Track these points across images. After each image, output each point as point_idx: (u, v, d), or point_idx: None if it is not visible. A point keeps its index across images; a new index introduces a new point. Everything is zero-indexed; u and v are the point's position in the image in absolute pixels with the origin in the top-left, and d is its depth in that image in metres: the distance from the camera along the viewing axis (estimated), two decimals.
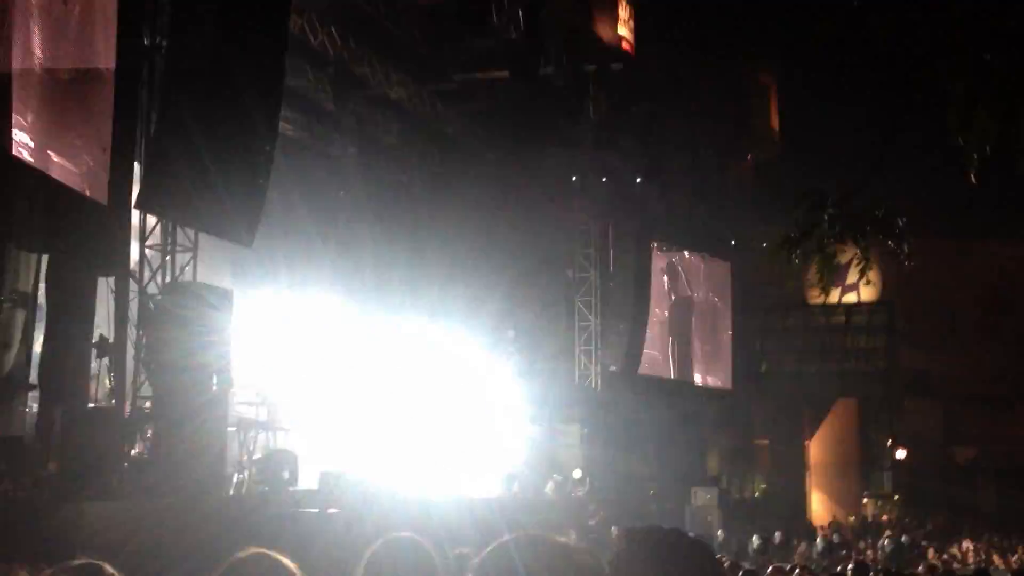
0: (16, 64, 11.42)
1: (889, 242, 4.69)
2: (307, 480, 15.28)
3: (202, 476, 13.22)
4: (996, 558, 20.19)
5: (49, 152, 12.04)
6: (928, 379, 34.03)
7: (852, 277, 32.88)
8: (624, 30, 25.33)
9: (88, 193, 12.54)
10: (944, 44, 4.67)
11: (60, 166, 12.24)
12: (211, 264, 15.98)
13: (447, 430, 20.96)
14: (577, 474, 23.02)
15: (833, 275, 4.96)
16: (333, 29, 20.55)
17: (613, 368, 26.67)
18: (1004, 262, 33.93)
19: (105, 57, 12.97)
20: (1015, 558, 19.00)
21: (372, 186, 24.07)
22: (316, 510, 13.44)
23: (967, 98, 4.63)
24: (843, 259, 5.21)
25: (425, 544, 4.05)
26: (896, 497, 31.46)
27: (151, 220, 14.52)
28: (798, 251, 4.74)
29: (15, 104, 11.34)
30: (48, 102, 12.07)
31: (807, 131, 33.42)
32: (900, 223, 4.62)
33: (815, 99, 32.54)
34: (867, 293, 33.79)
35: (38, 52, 11.85)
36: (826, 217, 4.63)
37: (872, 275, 33.14)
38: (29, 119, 11.63)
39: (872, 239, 4.72)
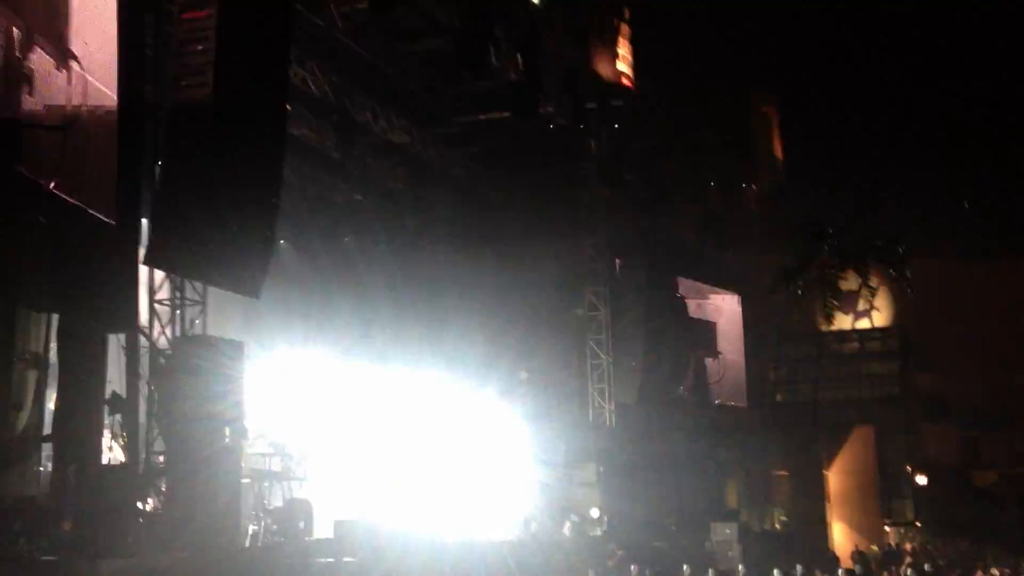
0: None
1: (891, 270, 4.68)
2: (323, 529, 15.22)
3: (216, 528, 13.16)
4: None
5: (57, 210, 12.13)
6: (944, 403, 33.82)
7: (863, 304, 32.79)
8: (623, 66, 25.50)
9: (95, 250, 12.60)
10: (937, 72, 4.69)
11: (68, 223, 12.32)
12: (221, 317, 16.01)
13: (462, 475, 20.88)
14: (595, 513, 22.86)
15: (838, 302, 4.95)
16: (334, 78, 20.73)
17: (627, 402, 26.57)
18: (1019, 283, 33.79)
19: (107, 113, 13.09)
20: None
21: (380, 232, 24.16)
22: (331, 559, 13.37)
23: (962, 123, 4.65)
24: (852, 286, 5.20)
25: None
26: (918, 524, 31.13)
27: (159, 275, 14.56)
28: (800, 281, 4.74)
29: (26, 163, 11.45)
30: (55, 160, 12.16)
31: (811, 160, 33.50)
32: (900, 251, 4.61)
33: (818, 128, 32.68)
34: (879, 318, 33.65)
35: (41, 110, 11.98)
36: (826, 247, 4.62)
37: (882, 301, 33.08)
38: (40, 179, 11.73)
39: (873, 267, 4.71)
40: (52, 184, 12.12)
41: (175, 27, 14.51)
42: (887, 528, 31.28)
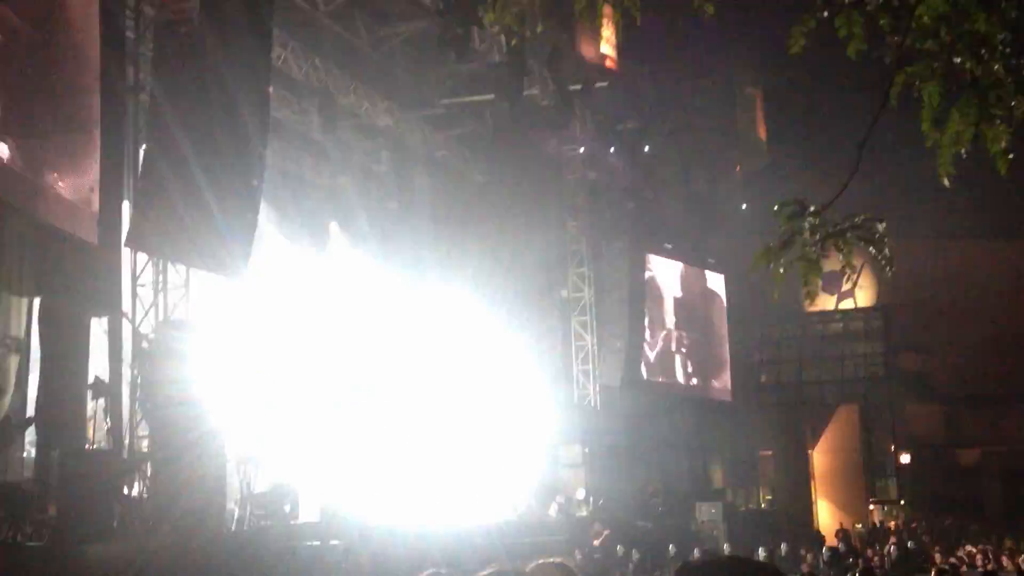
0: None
1: (871, 248, 4.70)
2: (309, 513, 15.23)
3: (201, 512, 13.15)
4: (1004, 560, 20.10)
5: (36, 194, 12.05)
6: (928, 382, 34.01)
7: (847, 284, 32.97)
8: (607, 48, 25.45)
9: (77, 234, 12.54)
10: (914, 49, 4.70)
11: (48, 208, 12.25)
12: (204, 300, 15.96)
13: (448, 457, 20.91)
14: (580, 494, 22.95)
15: (821, 282, 4.97)
16: (317, 60, 20.63)
17: (612, 384, 26.65)
18: (1000, 262, 33.96)
19: (90, 97, 13.01)
20: (1022, 559, 18.91)
21: (365, 214, 24.11)
22: (317, 543, 13.38)
23: (940, 102, 4.67)
24: (835, 266, 5.22)
25: None
26: (902, 502, 31.37)
27: (142, 259, 14.51)
28: (781, 261, 4.75)
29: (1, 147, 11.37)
30: (33, 144, 12.08)
31: (795, 140, 33.55)
32: (880, 229, 4.64)
33: (801, 108, 32.70)
34: (863, 298, 33.81)
35: (21, 91, 11.88)
36: (806, 225, 4.64)
37: (865, 280, 33.23)
38: (17, 162, 11.64)
39: (854, 246, 4.73)
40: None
41: (157, 10, 14.44)
42: (871, 506, 31.52)
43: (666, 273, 29.54)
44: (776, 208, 4.71)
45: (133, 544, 12.10)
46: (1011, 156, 4.72)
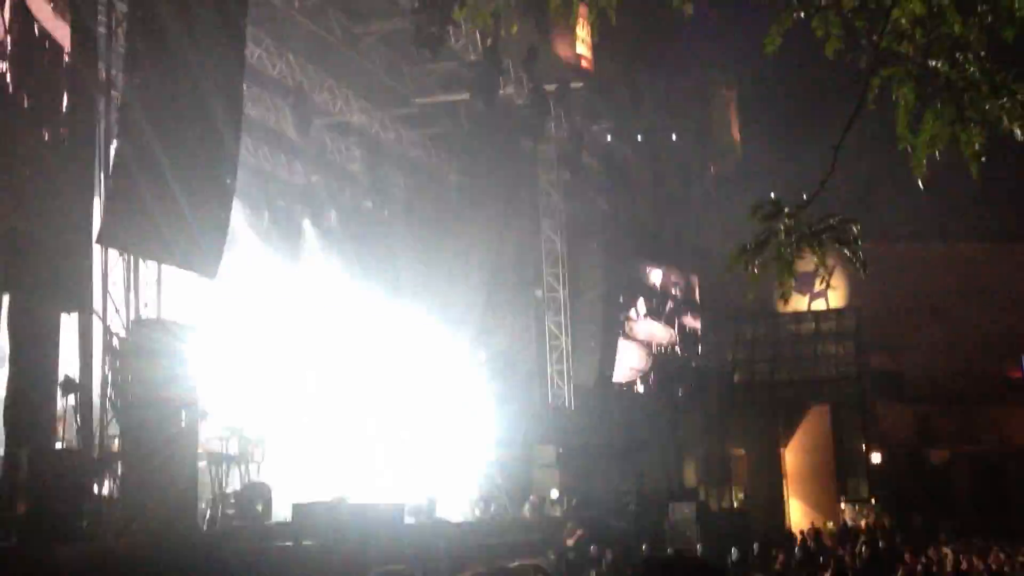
0: None
1: (845, 250, 4.72)
2: (281, 512, 15.14)
3: (173, 511, 13.04)
4: (974, 559, 20.26)
5: (4, 191, 11.92)
6: (899, 382, 34.27)
7: (819, 284, 33.16)
8: (583, 48, 25.46)
9: (46, 231, 12.40)
10: (890, 52, 4.72)
11: (16, 204, 12.11)
12: (176, 299, 15.83)
13: (422, 456, 20.87)
14: (554, 494, 22.94)
15: (794, 282, 4.98)
16: (291, 58, 20.54)
17: (587, 384, 26.69)
18: (972, 264, 34.29)
19: (59, 91, 12.88)
20: (991, 559, 19.07)
21: (338, 213, 24.03)
22: (290, 542, 13.30)
23: (916, 104, 4.69)
24: (808, 267, 5.23)
25: None
26: (873, 501, 31.58)
27: (113, 256, 14.36)
28: (756, 261, 4.76)
29: None
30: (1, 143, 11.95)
31: (768, 141, 33.69)
32: (854, 230, 4.65)
33: (775, 110, 32.87)
34: (835, 299, 34.02)
35: None
36: (782, 227, 4.65)
37: (838, 281, 33.45)
38: None
39: (829, 247, 4.75)
40: None
41: (128, 6, 14.31)
42: (843, 505, 31.71)
43: (643, 273, 29.63)
44: (752, 209, 4.72)
45: (103, 544, 11.98)
46: (984, 159, 4.75)
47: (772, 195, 5.09)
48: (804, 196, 5.01)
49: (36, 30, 12.97)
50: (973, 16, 4.55)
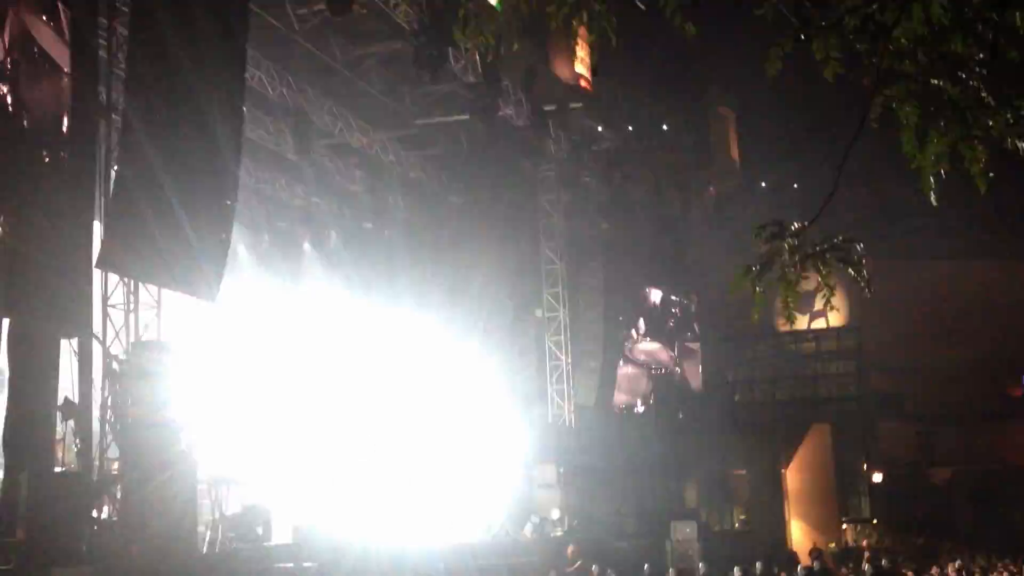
0: None
1: (849, 269, 4.71)
2: (281, 535, 15.08)
3: (172, 534, 12.97)
4: None
5: (1, 214, 11.91)
6: (900, 401, 34.19)
7: (820, 303, 33.15)
8: (582, 68, 25.52)
9: (46, 254, 12.40)
10: (892, 71, 4.73)
11: (16, 226, 12.11)
12: (175, 321, 15.82)
13: (422, 477, 20.80)
14: (555, 515, 22.85)
15: (799, 303, 4.97)
16: (291, 80, 20.60)
17: (587, 404, 26.63)
18: (974, 283, 34.28)
19: (59, 116, 12.90)
20: None
21: (338, 234, 24.04)
22: (290, 564, 13.24)
23: (920, 123, 4.69)
24: (809, 286, 5.22)
25: None
26: (874, 521, 31.45)
27: (113, 279, 14.36)
28: (761, 282, 4.75)
29: None
30: (1, 165, 11.96)
31: (769, 162, 33.76)
32: (858, 250, 4.65)
33: (776, 130, 32.93)
34: (835, 318, 33.97)
35: None
36: (786, 247, 4.64)
37: (839, 301, 33.39)
38: None
39: (833, 267, 4.74)
40: None
41: (129, 30, 14.35)
42: (844, 525, 31.58)
43: (641, 294, 29.63)
44: (756, 229, 4.71)
45: (102, 567, 11.92)
46: (991, 175, 4.74)
47: (774, 216, 5.10)
48: (806, 216, 5.01)
49: (36, 52, 13.00)
50: (974, 33, 4.56)
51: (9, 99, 12.47)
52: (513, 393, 24.58)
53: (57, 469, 12.98)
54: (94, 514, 13.03)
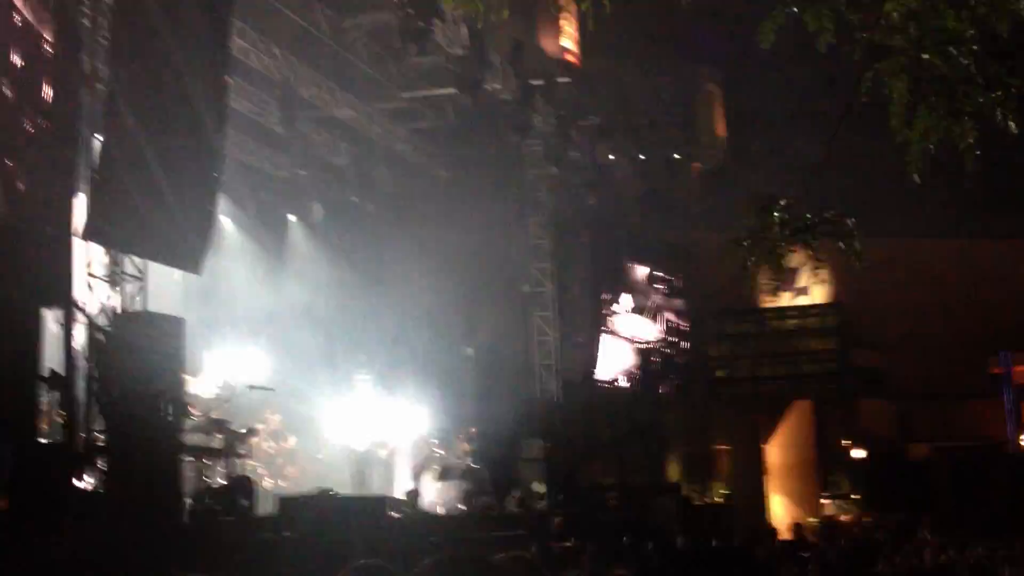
0: None
1: (840, 243, 4.73)
2: (266, 506, 15.12)
3: (156, 506, 12.99)
4: (954, 554, 20.38)
5: None
6: (880, 378, 34.41)
7: (803, 280, 33.26)
8: (569, 43, 25.44)
9: (27, 225, 12.32)
10: (883, 46, 4.73)
11: None
12: (160, 293, 15.78)
13: (406, 448, 20.86)
14: (539, 488, 22.97)
15: (784, 278, 4.99)
16: (277, 51, 20.45)
17: (573, 380, 26.72)
18: (956, 261, 34.47)
19: (41, 85, 12.79)
20: (972, 554, 19.19)
21: (324, 208, 23.96)
22: (271, 535, 13.29)
23: (909, 98, 4.70)
24: (793, 262, 5.25)
25: (394, 571, 3.97)
26: (854, 497, 31.73)
27: (95, 249, 14.28)
28: (751, 256, 4.77)
29: None
30: None
31: (755, 137, 33.72)
32: (849, 224, 4.67)
33: (762, 105, 32.88)
34: (819, 295, 34.12)
35: None
36: (777, 221, 4.65)
37: (825, 275, 33.52)
38: None
39: (822, 241, 4.76)
40: None
41: None
42: (824, 501, 31.86)
43: (627, 269, 29.67)
44: (746, 203, 4.72)
45: (86, 538, 11.93)
46: (978, 152, 4.75)
47: (756, 192, 5.11)
48: (794, 189, 5.01)
49: (18, 19, 12.87)
50: (966, 9, 4.56)
51: None
52: (499, 368, 24.64)
53: (42, 440, 12.97)
54: (78, 485, 13.02)
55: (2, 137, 12.53)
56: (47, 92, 13.12)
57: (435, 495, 19.66)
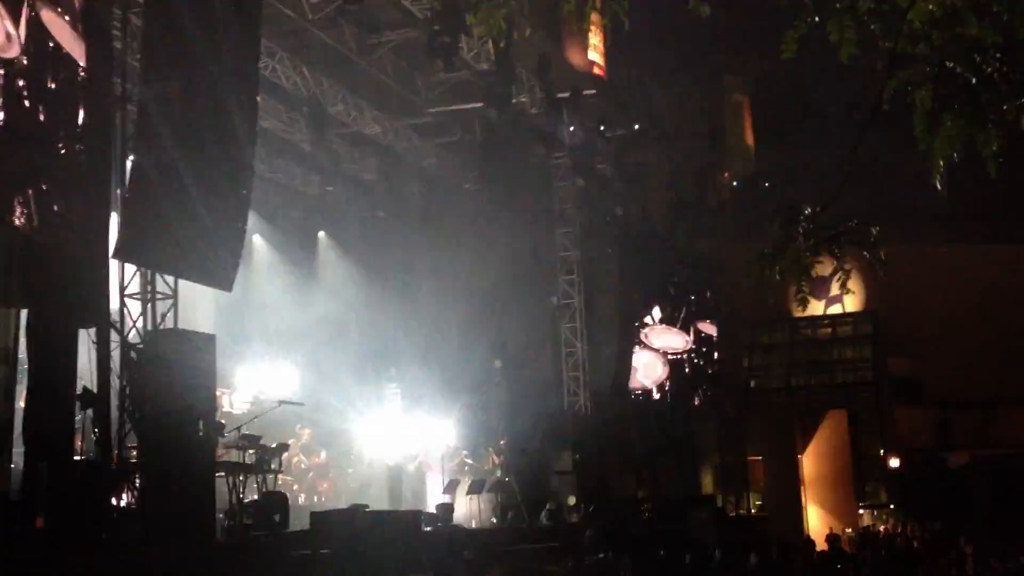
0: None
1: (864, 252, 4.70)
2: (299, 522, 15.16)
3: (190, 522, 13.07)
4: (993, 563, 20.12)
5: (18, 205, 12.00)
6: (917, 386, 34.06)
7: (835, 289, 33.08)
8: (595, 55, 25.45)
9: (62, 245, 12.48)
10: (906, 54, 4.71)
11: (33, 219, 12.19)
12: (192, 309, 15.91)
13: (438, 464, 20.88)
14: (571, 501, 22.90)
15: (812, 287, 4.97)
16: (305, 70, 20.63)
17: (603, 391, 26.64)
18: (991, 267, 34.10)
19: (75, 108, 12.96)
20: (1012, 563, 18.93)
21: (354, 223, 24.11)
22: (307, 551, 13.32)
23: (933, 106, 4.67)
24: (824, 271, 5.22)
25: None
26: (892, 506, 31.39)
27: (129, 268, 14.45)
28: (776, 267, 4.74)
29: None
30: (17, 158, 12.03)
31: (783, 146, 33.58)
32: (873, 233, 4.64)
33: (790, 114, 32.77)
34: (851, 303, 33.85)
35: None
36: (800, 231, 4.63)
37: (854, 285, 33.27)
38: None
39: (847, 250, 4.73)
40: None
41: (144, 20, 14.40)
42: (861, 511, 31.53)
43: (656, 282, 29.59)
44: (770, 214, 4.71)
45: (121, 555, 12.02)
46: (1002, 160, 4.72)
47: (790, 200, 5.09)
48: (821, 200, 4.99)
49: (51, 44, 13.05)
50: (989, 16, 4.53)
51: (25, 93, 12.52)
52: (528, 380, 24.62)
53: (76, 458, 13.09)
54: (113, 502, 13.14)
55: (38, 160, 12.70)
56: (80, 114, 13.29)
57: (467, 509, 19.65)
